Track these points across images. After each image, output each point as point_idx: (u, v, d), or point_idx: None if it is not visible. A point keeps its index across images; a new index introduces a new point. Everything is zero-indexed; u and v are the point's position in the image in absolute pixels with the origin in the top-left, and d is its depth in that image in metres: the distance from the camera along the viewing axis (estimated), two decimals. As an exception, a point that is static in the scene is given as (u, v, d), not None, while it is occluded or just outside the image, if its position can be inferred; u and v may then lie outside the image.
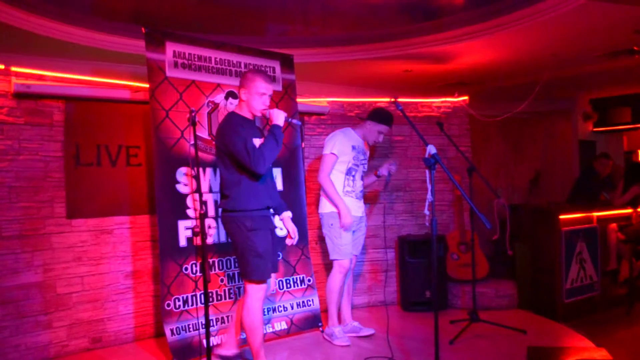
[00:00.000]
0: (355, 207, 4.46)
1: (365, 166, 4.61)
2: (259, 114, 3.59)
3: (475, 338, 4.48)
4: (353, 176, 4.44)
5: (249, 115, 3.59)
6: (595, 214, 5.73)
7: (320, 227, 5.03)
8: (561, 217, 5.31)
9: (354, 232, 4.50)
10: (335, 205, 4.36)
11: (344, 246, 4.40)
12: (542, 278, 5.43)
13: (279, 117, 3.51)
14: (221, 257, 4.36)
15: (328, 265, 5.45)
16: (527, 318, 5.11)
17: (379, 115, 4.51)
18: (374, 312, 5.32)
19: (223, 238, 4.37)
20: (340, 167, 4.42)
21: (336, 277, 4.46)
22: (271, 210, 3.71)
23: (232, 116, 3.57)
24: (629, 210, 6.14)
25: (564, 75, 6.80)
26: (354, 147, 4.45)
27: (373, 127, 4.49)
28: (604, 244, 5.83)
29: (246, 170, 3.42)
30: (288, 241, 3.84)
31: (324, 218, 4.50)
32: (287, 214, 3.79)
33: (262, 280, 3.50)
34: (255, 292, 3.51)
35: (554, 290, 5.28)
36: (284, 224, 3.79)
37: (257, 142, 3.44)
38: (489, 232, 5.01)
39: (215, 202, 4.37)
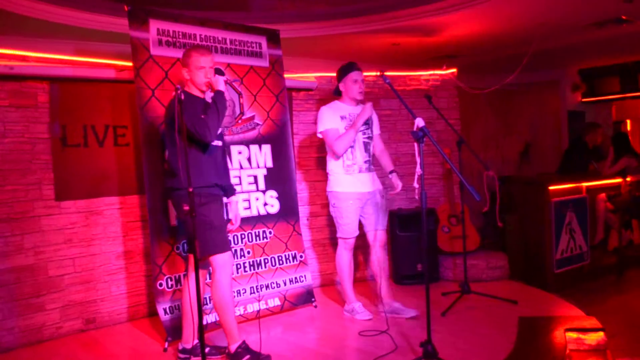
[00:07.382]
0: (359, 183, 4.36)
1: (370, 132, 4.43)
2: (205, 88, 3.59)
3: (467, 309, 4.52)
4: (352, 147, 4.31)
5: (196, 92, 3.59)
6: (585, 184, 5.76)
7: (311, 204, 5.05)
8: (551, 188, 5.34)
9: (363, 208, 4.40)
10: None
11: (346, 225, 4.37)
12: (532, 249, 5.47)
13: (218, 83, 3.53)
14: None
15: (319, 241, 5.48)
16: (518, 289, 5.16)
17: (340, 72, 4.39)
18: (366, 287, 5.34)
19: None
20: None
21: (341, 254, 4.50)
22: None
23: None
24: (618, 180, 6.17)
25: (552, 46, 6.76)
26: (343, 117, 4.32)
27: (346, 85, 4.33)
28: (592, 214, 5.88)
29: (194, 142, 3.41)
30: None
31: (329, 197, 4.47)
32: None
33: (224, 250, 3.47)
34: (222, 266, 3.47)
35: (544, 261, 5.33)
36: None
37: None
38: (479, 204, 5.02)
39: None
